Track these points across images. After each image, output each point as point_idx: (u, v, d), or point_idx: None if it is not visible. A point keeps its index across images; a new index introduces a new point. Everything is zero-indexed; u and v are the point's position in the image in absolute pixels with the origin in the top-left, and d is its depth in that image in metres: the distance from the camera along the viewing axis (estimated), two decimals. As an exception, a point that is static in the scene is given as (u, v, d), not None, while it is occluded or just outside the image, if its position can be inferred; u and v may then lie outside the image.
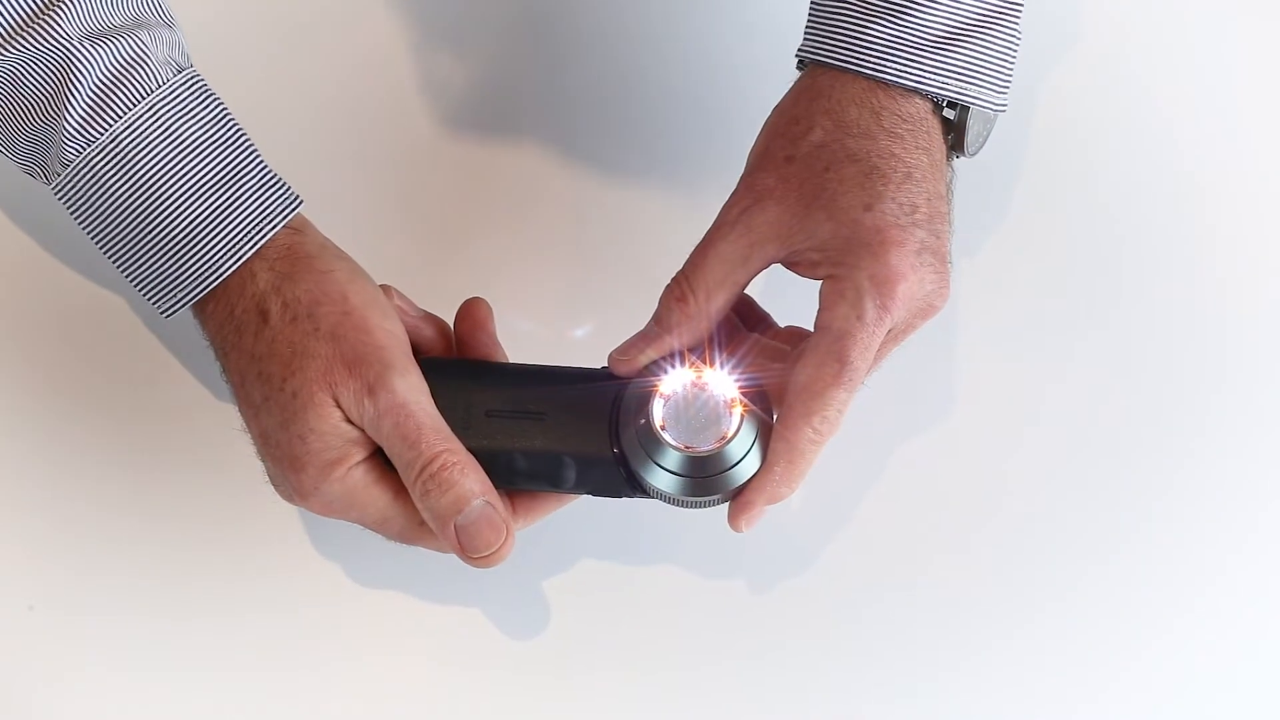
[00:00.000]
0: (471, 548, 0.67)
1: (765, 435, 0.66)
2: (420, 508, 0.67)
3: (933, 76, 0.68)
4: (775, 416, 0.67)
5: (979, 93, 0.69)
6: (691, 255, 0.68)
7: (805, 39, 0.71)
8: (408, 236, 0.83)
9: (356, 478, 0.68)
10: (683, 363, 0.67)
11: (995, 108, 0.70)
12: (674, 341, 0.67)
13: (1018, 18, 0.70)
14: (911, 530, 0.78)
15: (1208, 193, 0.84)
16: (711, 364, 0.67)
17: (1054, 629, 0.76)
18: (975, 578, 0.77)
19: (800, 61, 0.72)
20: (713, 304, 0.67)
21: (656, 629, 0.76)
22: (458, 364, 0.70)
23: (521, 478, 0.68)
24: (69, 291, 0.81)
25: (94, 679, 0.75)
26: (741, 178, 0.69)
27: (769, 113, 0.71)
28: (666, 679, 0.76)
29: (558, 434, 0.67)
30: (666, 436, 0.66)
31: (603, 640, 0.76)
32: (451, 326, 0.73)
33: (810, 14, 0.71)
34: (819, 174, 0.67)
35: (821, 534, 0.77)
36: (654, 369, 0.68)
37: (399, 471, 0.67)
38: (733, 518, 0.67)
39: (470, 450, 0.66)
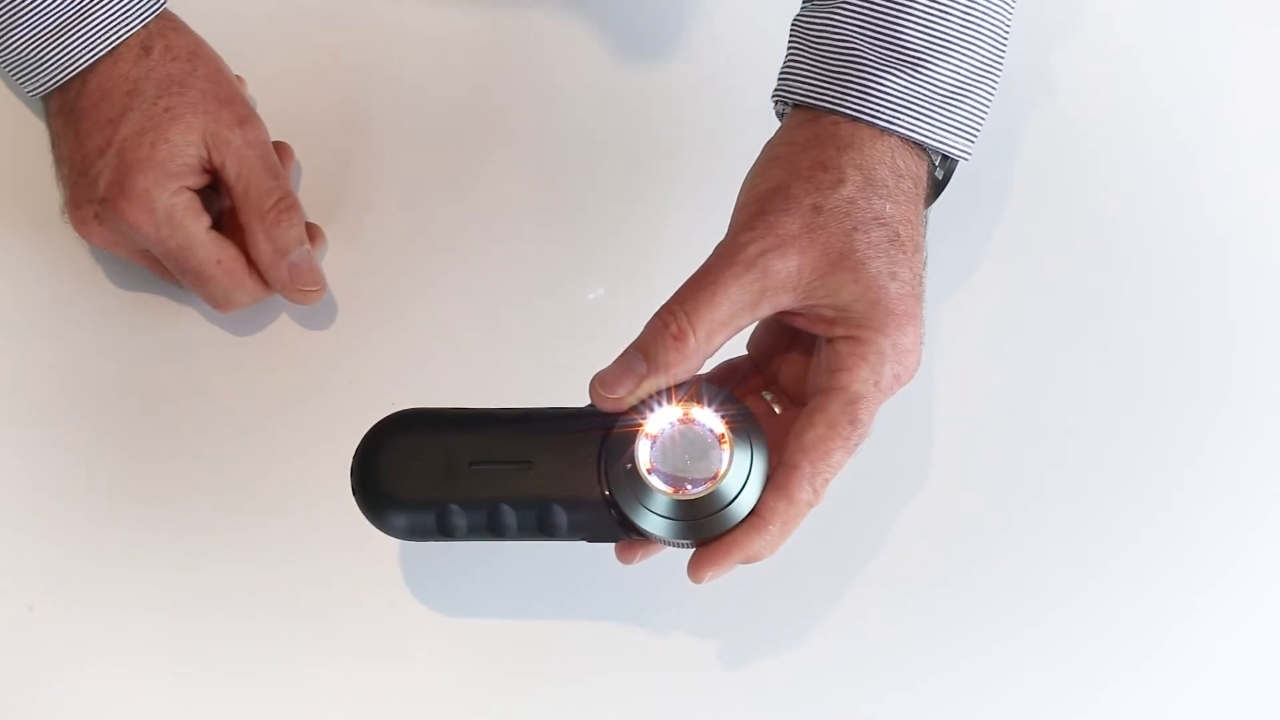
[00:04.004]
0: (302, 282, 0.77)
1: (758, 473, 0.64)
2: (263, 238, 0.76)
3: (940, 132, 0.68)
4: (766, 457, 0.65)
5: (968, 147, 0.69)
6: (690, 288, 0.64)
7: (808, 85, 0.68)
8: (401, 232, 0.83)
9: (185, 199, 0.75)
10: (669, 399, 0.64)
11: (967, 159, 0.70)
12: (665, 381, 0.64)
13: (1001, 71, 0.70)
14: (910, 534, 0.78)
15: (1207, 194, 0.84)
16: (699, 400, 0.64)
17: (1055, 634, 0.77)
18: (976, 581, 0.78)
19: (783, 102, 0.70)
20: (711, 344, 0.64)
21: (657, 631, 0.76)
22: (437, 414, 0.66)
23: (512, 530, 0.65)
24: (67, 291, 0.81)
25: (94, 679, 0.76)
26: (751, 210, 0.66)
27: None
28: (668, 681, 0.76)
29: (545, 481, 0.64)
30: (655, 480, 0.64)
31: (603, 642, 0.76)
32: None
33: (808, 59, 0.69)
34: (847, 232, 0.64)
35: (820, 536, 0.75)
36: (639, 406, 0.64)
37: (248, 202, 0.76)
38: (698, 568, 0.64)
39: (456, 503, 0.64)
